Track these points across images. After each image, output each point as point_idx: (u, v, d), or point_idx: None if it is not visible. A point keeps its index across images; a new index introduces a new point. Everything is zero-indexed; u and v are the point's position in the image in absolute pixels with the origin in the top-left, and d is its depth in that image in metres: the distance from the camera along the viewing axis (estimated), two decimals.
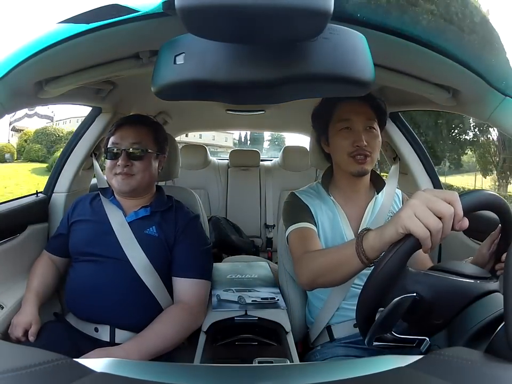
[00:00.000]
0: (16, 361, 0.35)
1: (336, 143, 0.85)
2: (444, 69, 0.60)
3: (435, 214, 0.46)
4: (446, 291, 0.51)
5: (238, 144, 6.30)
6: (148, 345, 0.76)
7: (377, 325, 0.50)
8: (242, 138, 6.23)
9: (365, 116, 0.83)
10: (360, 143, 0.80)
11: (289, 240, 0.83)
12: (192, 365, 0.64)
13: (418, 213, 0.47)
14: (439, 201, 0.47)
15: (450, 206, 0.46)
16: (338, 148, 0.84)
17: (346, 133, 0.83)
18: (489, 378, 0.36)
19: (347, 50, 0.38)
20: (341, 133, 0.84)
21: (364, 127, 0.83)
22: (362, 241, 0.57)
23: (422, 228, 0.46)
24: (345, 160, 0.84)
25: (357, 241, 0.58)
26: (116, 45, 0.61)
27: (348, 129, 0.83)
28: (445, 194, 0.47)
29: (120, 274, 0.84)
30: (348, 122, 0.83)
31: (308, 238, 0.79)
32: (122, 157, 0.88)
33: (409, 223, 0.47)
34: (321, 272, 0.67)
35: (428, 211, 0.46)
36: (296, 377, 0.37)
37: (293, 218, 0.84)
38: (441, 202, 0.46)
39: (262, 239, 2.25)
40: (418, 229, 0.46)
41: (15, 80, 0.61)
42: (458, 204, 0.46)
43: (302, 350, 0.92)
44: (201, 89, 0.40)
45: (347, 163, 0.84)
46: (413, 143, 1.21)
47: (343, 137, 0.83)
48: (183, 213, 0.95)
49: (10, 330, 0.83)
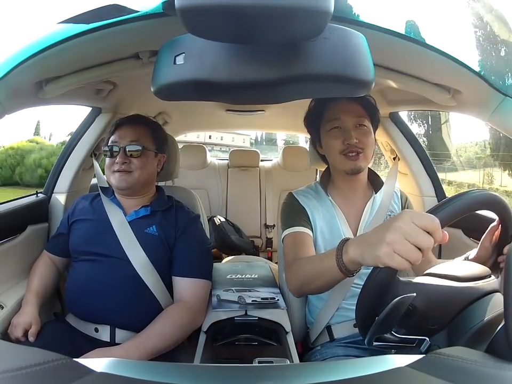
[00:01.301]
0: (16, 361, 0.35)
1: (328, 143, 0.86)
2: (444, 69, 0.60)
3: (415, 245, 0.45)
4: (439, 299, 0.51)
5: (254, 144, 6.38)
6: (147, 345, 0.76)
7: (377, 325, 0.50)
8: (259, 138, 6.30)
9: (354, 113, 0.84)
10: (351, 140, 0.81)
11: (284, 244, 0.85)
12: (192, 365, 0.64)
13: (397, 249, 0.46)
14: (419, 235, 0.45)
15: (430, 237, 0.45)
16: (330, 147, 0.85)
17: (336, 132, 0.83)
18: (489, 378, 0.36)
19: (347, 50, 0.39)
20: (331, 132, 0.84)
21: (353, 125, 0.83)
22: (342, 255, 0.57)
23: (402, 262, 0.46)
24: (338, 159, 0.84)
25: (336, 254, 0.58)
26: (116, 45, 0.62)
27: (338, 129, 0.83)
28: (425, 223, 0.46)
29: (120, 274, 0.84)
30: (338, 121, 0.83)
31: (300, 244, 0.81)
32: (120, 154, 0.89)
33: (389, 261, 0.46)
34: (307, 281, 0.69)
35: (407, 245, 0.45)
36: (296, 377, 0.37)
37: (289, 222, 0.86)
38: (421, 236, 0.45)
39: (262, 239, 2.25)
40: (398, 264, 0.46)
41: (15, 80, 0.61)
42: (438, 229, 0.45)
43: (302, 350, 0.92)
44: (201, 90, 0.40)
45: (340, 162, 0.84)
46: (413, 143, 1.21)
47: (333, 137, 0.84)
48: (183, 212, 0.95)
49: (10, 330, 0.83)
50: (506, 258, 0.41)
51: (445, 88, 0.72)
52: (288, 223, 0.85)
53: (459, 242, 1.07)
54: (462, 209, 0.50)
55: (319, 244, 0.86)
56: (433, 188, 1.21)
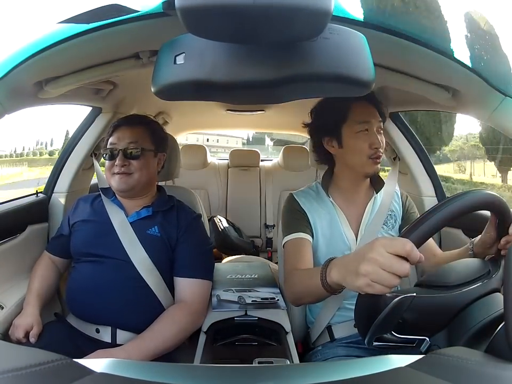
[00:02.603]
0: (16, 361, 0.35)
1: (355, 145, 0.84)
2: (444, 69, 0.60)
3: (392, 272, 0.46)
4: (428, 312, 0.52)
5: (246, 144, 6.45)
6: (149, 346, 0.76)
7: (377, 325, 0.50)
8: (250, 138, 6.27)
9: (377, 117, 0.85)
10: (378, 145, 0.83)
11: (284, 250, 0.86)
12: (192, 365, 0.64)
13: (374, 279, 0.47)
14: (392, 264, 0.46)
15: (404, 263, 0.46)
16: (357, 150, 0.84)
17: (365, 135, 0.83)
18: (489, 378, 0.36)
19: (347, 50, 0.38)
20: (359, 135, 0.83)
21: (377, 129, 0.84)
22: (326, 276, 0.59)
23: (382, 289, 0.47)
24: (364, 162, 0.84)
25: (321, 274, 0.60)
26: (116, 45, 0.62)
27: (366, 131, 0.83)
28: (397, 249, 0.46)
29: (122, 275, 0.84)
30: (367, 124, 0.83)
31: (298, 252, 0.82)
32: (119, 157, 0.88)
33: (369, 290, 0.48)
34: (300, 296, 0.75)
35: (383, 274, 0.46)
36: (296, 378, 0.37)
37: (289, 228, 0.86)
38: (394, 264, 0.46)
39: (262, 239, 2.25)
40: (379, 290, 0.47)
41: (15, 80, 0.61)
42: (412, 252, 0.46)
43: (302, 350, 0.92)
44: (202, 89, 0.40)
45: (365, 164, 0.84)
46: (413, 143, 1.21)
47: (362, 140, 0.83)
48: (185, 212, 0.95)
49: (11, 332, 0.83)
50: (506, 259, 0.41)
51: (445, 88, 0.72)
52: (289, 230, 0.86)
53: (459, 242, 1.07)
54: (434, 227, 0.50)
55: (321, 245, 0.86)
56: (433, 187, 1.21)
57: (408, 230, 0.50)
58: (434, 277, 0.57)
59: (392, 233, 0.89)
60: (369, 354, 0.77)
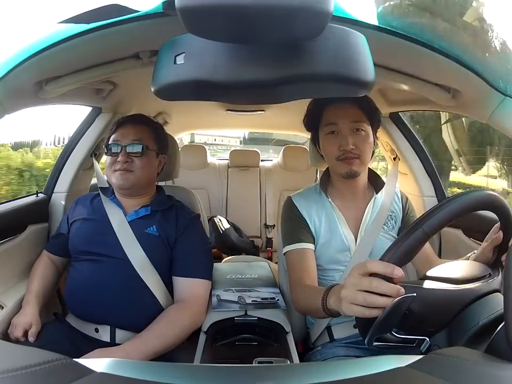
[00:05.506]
0: (16, 361, 0.35)
1: (325, 147, 0.86)
2: (444, 69, 0.60)
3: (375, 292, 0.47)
4: (435, 304, 0.51)
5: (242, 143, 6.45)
6: (148, 345, 0.76)
7: (377, 325, 0.50)
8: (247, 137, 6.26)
9: (351, 118, 0.82)
10: (347, 147, 0.80)
11: (286, 260, 0.87)
12: (192, 365, 0.64)
13: (351, 300, 0.48)
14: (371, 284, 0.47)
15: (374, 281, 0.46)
16: (327, 152, 0.86)
17: (333, 138, 0.83)
18: (489, 378, 0.36)
19: (347, 50, 0.38)
20: (327, 137, 0.84)
21: (350, 130, 0.82)
22: (326, 303, 0.61)
23: (361, 309, 0.47)
24: (334, 163, 0.85)
25: (322, 301, 0.62)
26: (116, 45, 0.62)
27: (334, 133, 0.83)
28: (368, 269, 0.48)
29: (120, 274, 0.84)
30: (334, 126, 0.83)
31: (303, 263, 0.83)
32: (122, 154, 0.88)
33: (350, 312, 0.49)
34: (306, 311, 0.80)
35: (367, 297, 0.47)
36: (296, 377, 0.37)
37: (290, 237, 0.86)
38: (364, 282, 0.47)
39: (262, 239, 2.25)
40: (369, 313, 0.47)
41: (15, 80, 0.61)
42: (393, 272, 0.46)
43: (302, 350, 0.92)
44: (202, 89, 0.40)
45: (336, 166, 0.85)
46: (413, 143, 1.21)
47: (330, 142, 0.84)
48: (183, 212, 0.95)
49: (10, 331, 0.83)
50: (506, 259, 0.41)
51: (445, 88, 0.72)
52: (289, 239, 0.86)
53: (459, 242, 1.07)
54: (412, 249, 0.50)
55: (321, 246, 0.86)
56: (433, 188, 1.21)
57: (386, 253, 0.51)
58: (442, 271, 0.57)
59: (392, 234, 0.89)
60: (369, 354, 0.77)
